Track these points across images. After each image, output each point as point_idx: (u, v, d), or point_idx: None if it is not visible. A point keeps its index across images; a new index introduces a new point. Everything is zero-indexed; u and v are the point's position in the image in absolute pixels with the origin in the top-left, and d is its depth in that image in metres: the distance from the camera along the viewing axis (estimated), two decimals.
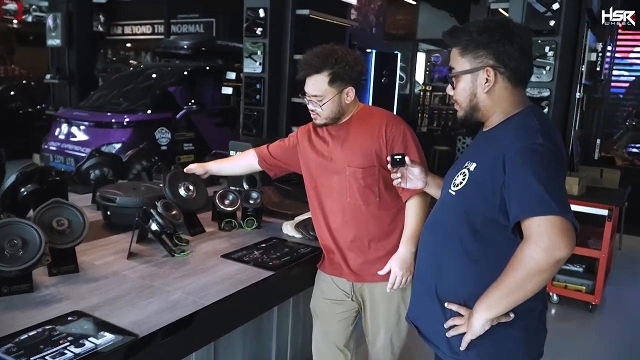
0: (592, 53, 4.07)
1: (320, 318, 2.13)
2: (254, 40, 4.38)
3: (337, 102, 1.90)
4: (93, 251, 1.97)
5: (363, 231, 1.96)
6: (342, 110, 1.93)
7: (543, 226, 1.22)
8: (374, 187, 1.94)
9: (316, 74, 1.87)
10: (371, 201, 1.94)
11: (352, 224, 1.96)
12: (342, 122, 1.98)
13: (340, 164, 1.96)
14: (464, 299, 1.44)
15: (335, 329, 2.09)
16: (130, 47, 11.71)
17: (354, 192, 1.94)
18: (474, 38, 1.41)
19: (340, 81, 1.87)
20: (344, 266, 2.00)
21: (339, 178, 1.97)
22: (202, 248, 2.09)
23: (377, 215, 1.96)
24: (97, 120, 5.68)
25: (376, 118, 1.96)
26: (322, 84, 1.87)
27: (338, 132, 1.99)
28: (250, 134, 4.53)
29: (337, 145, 1.98)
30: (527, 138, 1.32)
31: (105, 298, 1.59)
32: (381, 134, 1.91)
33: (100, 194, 2.30)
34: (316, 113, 1.94)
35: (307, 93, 1.93)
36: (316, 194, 2.06)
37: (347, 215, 1.96)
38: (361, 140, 1.93)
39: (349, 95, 1.91)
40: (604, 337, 3.55)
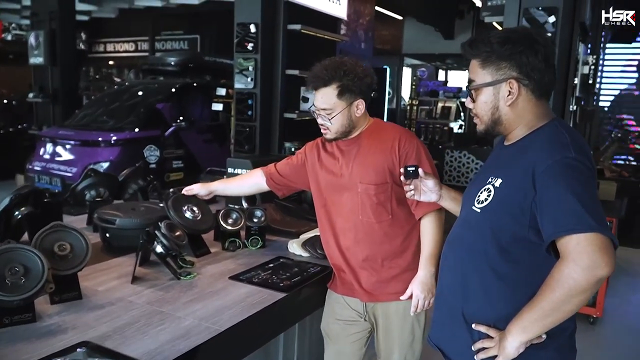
0: (585, 66, 4.11)
1: (332, 340, 2.06)
2: (245, 56, 4.33)
3: (346, 115, 1.86)
4: (95, 276, 1.88)
5: (376, 250, 1.90)
6: (352, 124, 1.89)
7: (582, 244, 1.17)
8: (386, 204, 1.88)
9: (324, 87, 1.83)
10: (384, 219, 1.89)
11: (364, 243, 1.91)
12: (353, 137, 1.93)
13: (352, 180, 1.91)
14: (493, 320, 1.38)
15: (349, 350, 2.02)
16: (112, 65, 11.62)
17: (366, 210, 1.89)
18: (495, 49, 1.37)
19: (349, 93, 1.83)
20: (357, 286, 1.94)
21: (350, 195, 1.91)
22: (208, 270, 2.01)
23: (390, 233, 1.90)
24: (83, 139, 5.56)
25: (389, 133, 1.92)
26: (330, 97, 1.83)
27: (348, 148, 1.94)
28: (242, 150, 4.46)
29: (347, 161, 1.93)
30: (559, 152, 1.27)
31: (114, 326, 1.50)
32: (394, 149, 1.86)
33: (99, 215, 2.21)
34: (326, 127, 1.89)
35: (316, 107, 1.88)
36: (326, 212, 2.00)
37: (360, 233, 1.91)
38: (373, 156, 1.88)
39: (359, 108, 1.87)
40: (607, 350, 3.53)
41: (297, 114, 4.39)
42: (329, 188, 1.98)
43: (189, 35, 10.04)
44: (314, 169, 2.03)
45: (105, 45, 11.66)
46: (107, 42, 11.56)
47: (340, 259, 1.96)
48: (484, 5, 3.99)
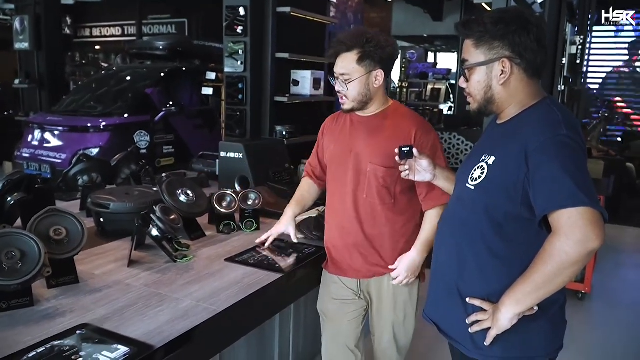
0: (572, 46, 4.13)
1: (329, 319, 2.08)
2: (234, 39, 4.29)
3: (364, 83, 1.86)
4: (90, 260, 1.89)
5: (375, 231, 1.93)
6: (369, 94, 1.88)
7: (574, 218, 1.20)
8: (391, 189, 1.90)
9: (346, 52, 1.85)
10: (387, 201, 1.91)
11: (365, 221, 1.93)
12: (370, 115, 1.94)
13: (363, 159, 1.91)
14: (486, 294, 1.41)
15: (346, 329, 2.05)
16: (99, 50, 11.47)
17: (372, 190, 1.90)
18: (489, 29, 1.39)
19: (369, 60, 1.84)
20: (351, 264, 1.97)
21: (357, 173, 1.92)
22: (204, 252, 2.03)
23: (391, 218, 1.93)
24: (72, 125, 5.49)
25: (408, 120, 1.92)
26: (350, 62, 1.84)
27: (364, 124, 1.94)
28: (233, 134, 4.45)
29: (360, 138, 1.93)
30: (551, 130, 1.30)
31: (113, 309, 1.51)
32: (410, 138, 1.87)
33: (92, 200, 2.21)
34: (343, 94, 1.89)
35: (335, 73, 1.89)
36: (333, 185, 2.02)
37: (362, 212, 1.93)
38: (388, 140, 1.86)
39: (378, 79, 1.87)
40: (596, 324, 3.62)
41: (288, 97, 4.37)
42: (337, 161, 1.99)
43: (177, 19, 9.91)
44: (328, 142, 2.05)
45: (91, 29, 11.48)
46: (94, 26, 11.39)
47: (339, 236, 1.98)
48: None
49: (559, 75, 3.92)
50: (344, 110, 1.95)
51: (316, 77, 4.50)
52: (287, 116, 4.51)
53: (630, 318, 3.72)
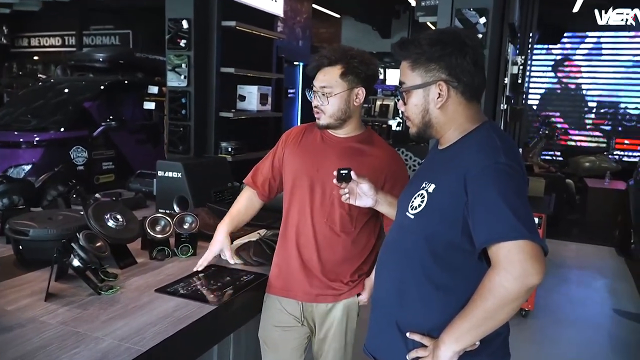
0: (514, 66, 4.22)
1: (271, 347, 1.98)
2: (177, 53, 4.15)
3: (344, 99, 1.79)
4: (4, 294, 1.71)
5: (328, 257, 1.86)
6: (348, 112, 1.81)
7: (513, 252, 1.15)
8: (353, 217, 1.83)
9: (329, 67, 1.79)
10: (347, 230, 1.84)
11: (321, 245, 1.85)
12: (344, 137, 1.87)
13: (327, 180, 1.79)
14: (427, 329, 1.35)
15: (288, 358, 1.96)
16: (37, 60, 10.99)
17: (334, 216, 1.83)
18: (425, 51, 1.35)
19: (352, 76, 1.79)
20: (299, 286, 1.88)
21: (321, 195, 1.84)
22: (133, 282, 1.88)
23: (348, 246, 1.86)
24: (3, 140, 5.18)
25: (385, 151, 1.88)
26: (333, 76, 1.79)
27: (335, 144, 1.87)
28: (176, 150, 4.29)
29: (328, 159, 1.84)
30: (489, 157, 1.25)
31: (22, 352, 1.35)
32: (383, 170, 1.82)
33: (10, 226, 2.02)
34: (320, 109, 1.81)
35: (315, 86, 1.82)
36: (289, 203, 1.92)
37: (319, 235, 1.85)
38: (360, 165, 1.75)
39: (359, 96, 1.81)
40: (541, 342, 3.65)
41: (234, 112, 4.27)
42: (299, 178, 1.89)
43: (121, 31, 9.62)
44: (291, 155, 1.93)
45: (29, 39, 10.99)
46: (32, 36, 10.90)
47: (292, 257, 1.89)
48: (418, 5, 4.00)
49: (502, 94, 3.99)
50: (319, 126, 1.87)
51: (263, 92, 4.41)
52: (233, 132, 4.40)
53: (575, 334, 3.79)
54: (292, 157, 1.93)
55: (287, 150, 1.96)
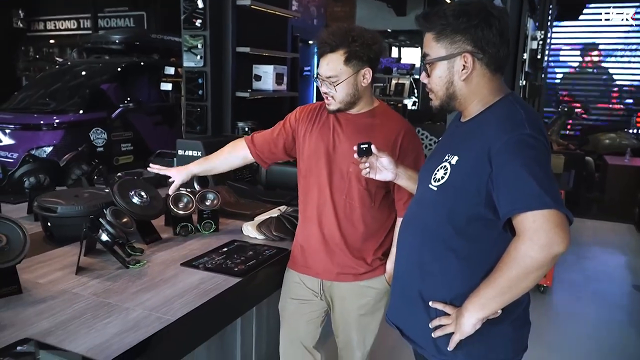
0: (534, 41, 4.16)
1: (286, 319, 2.03)
2: (193, 33, 4.16)
3: (352, 84, 1.78)
4: (35, 268, 1.77)
5: (350, 232, 1.87)
6: (357, 94, 1.81)
7: (539, 221, 1.16)
8: (372, 192, 1.84)
9: (331, 53, 1.76)
10: (366, 204, 1.86)
11: (342, 223, 1.87)
12: (357, 114, 1.87)
13: (344, 158, 1.83)
14: (450, 298, 1.37)
15: (304, 330, 2.00)
16: (54, 44, 11.04)
17: (352, 192, 1.84)
18: (450, 22, 1.34)
19: (356, 60, 1.76)
20: (318, 263, 1.91)
21: (339, 172, 1.86)
22: (159, 257, 1.93)
23: (368, 221, 1.87)
24: (23, 122, 5.26)
25: (396, 123, 1.87)
26: (337, 64, 1.76)
27: (349, 123, 1.87)
28: (194, 131, 4.32)
29: (345, 137, 1.85)
30: (514, 129, 1.25)
31: (57, 321, 1.41)
32: (397, 142, 1.82)
33: (39, 203, 2.08)
34: (330, 96, 1.81)
35: (321, 75, 1.80)
36: (307, 185, 1.93)
37: (340, 213, 1.87)
38: (374, 140, 1.74)
39: (366, 77, 1.80)
40: (559, 318, 3.67)
41: (250, 92, 4.27)
42: (316, 159, 1.90)
43: (135, 12, 9.63)
44: (305, 137, 1.94)
45: (45, 23, 11.04)
46: (47, 19, 10.95)
47: (312, 235, 1.91)
48: None
49: (520, 70, 3.95)
50: (329, 111, 1.86)
51: (279, 72, 4.41)
52: (249, 112, 4.41)
53: (592, 310, 3.79)
54: (307, 137, 1.94)
55: (300, 127, 1.97)
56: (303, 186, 1.97)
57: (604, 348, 3.26)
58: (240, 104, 4.35)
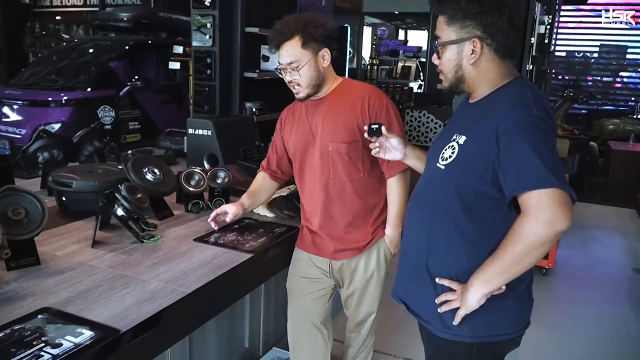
0: (541, 25, 4.15)
1: (294, 297, 2.08)
2: (202, 12, 4.16)
3: (314, 67, 1.82)
4: (52, 241, 1.83)
5: (347, 209, 1.91)
6: (321, 76, 1.85)
7: (543, 199, 1.20)
8: (358, 163, 1.88)
9: (288, 41, 1.80)
10: (355, 177, 1.89)
11: (336, 202, 1.91)
12: (323, 97, 1.90)
13: (322, 140, 1.88)
14: (455, 274, 1.41)
15: (311, 307, 2.05)
16: (60, 20, 11.00)
17: (337, 169, 1.88)
18: (462, 7, 1.36)
19: (313, 42, 1.80)
20: (325, 244, 1.96)
21: (321, 155, 1.90)
22: (172, 232, 1.98)
23: (361, 192, 1.91)
24: (32, 99, 5.28)
25: (358, 91, 1.90)
26: (295, 49, 1.79)
27: (318, 107, 1.91)
28: (202, 110, 4.34)
29: (318, 121, 1.90)
30: (521, 110, 1.29)
31: (76, 291, 1.46)
32: (364, 108, 1.85)
33: (54, 178, 2.13)
34: (296, 83, 1.84)
35: (282, 64, 1.83)
36: (300, 173, 1.99)
37: (332, 193, 1.91)
38: (343, 114, 1.85)
39: (325, 57, 1.84)
40: (560, 300, 3.72)
41: (258, 73, 4.28)
42: (301, 149, 1.96)
43: None
44: (290, 132, 2.00)
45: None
46: None
47: (313, 218, 1.96)
48: None
49: (528, 54, 3.94)
50: (299, 99, 1.90)
51: None
52: (256, 92, 4.42)
53: (593, 293, 3.84)
54: (289, 135, 2.00)
55: (284, 131, 2.03)
56: (297, 178, 2.03)
57: (605, 329, 3.32)
58: (248, 84, 4.36)
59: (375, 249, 1.96)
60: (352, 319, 2.10)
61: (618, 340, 3.22)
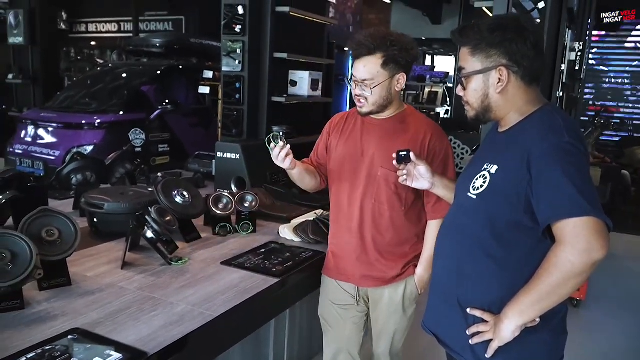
0: (572, 52, 4.12)
1: (331, 325, 2.05)
2: (232, 38, 4.25)
3: (387, 88, 1.79)
4: (83, 262, 1.85)
5: (379, 237, 1.89)
6: (390, 98, 1.82)
7: (579, 228, 1.18)
8: (402, 195, 1.86)
9: (369, 56, 1.77)
10: (395, 208, 1.87)
11: (370, 227, 1.89)
12: (385, 119, 1.88)
13: (372, 162, 1.86)
14: (487, 304, 1.39)
15: (349, 334, 2.02)
16: (95, 46, 11.37)
17: (380, 195, 1.86)
18: (485, 37, 1.37)
19: (394, 65, 1.77)
20: (352, 269, 1.94)
21: (367, 177, 1.87)
22: (200, 255, 1.99)
23: (397, 225, 1.89)
24: (66, 121, 5.43)
25: (422, 125, 1.88)
26: (374, 67, 1.76)
27: (377, 127, 1.88)
28: (230, 134, 4.39)
29: (373, 142, 1.88)
30: (554, 137, 1.27)
31: (105, 313, 1.48)
32: (424, 144, 1.83)
33: (86, 199, 2.17)
34: (363, 98, 1.81)
35: (356, 77, 1.80)
36: (339, 187, 1.95)
37: (368, 216, 1.88)
38: (402, 144, 1.79)
39: (400, 82, 1.81)
40: (592, 332, 3.60)
41: (285, 97, 4.34)
42: (345, 164, 1.92)
43: (174, 17, 9.85)
44: (335, 142, 1.97)
45: (87, 25, 11.39)
46: (89, 22, 11.30)
47: (343, 241, 1.94)
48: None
49: (558, 81, 3.91)
50: (361, 114, 1.87)
51: (314, 78, 4.46)
52: (284, 117, 4.47)
53: (627, 325, 3.71)
54: (336, 145, 1.96)
55: (332, 137, 1.99)
56: (334, 193, 1.99)
57: None
58: (275, 109, 4.41)
59: (403, 284, 1.93)
60: (375, 350, 2.06)
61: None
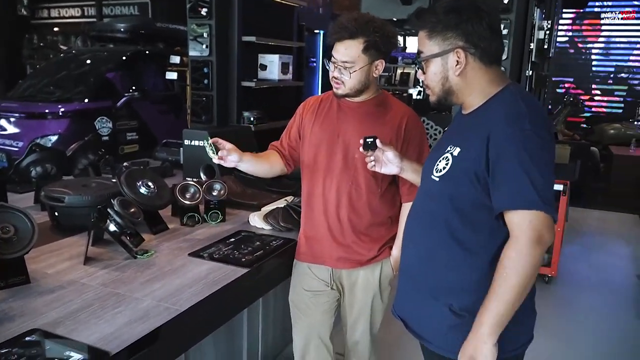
0: (540, 31, 4.12)
1: (302, 311, 2.02)
2: (199, 22, 4.14)
3: (365, 73, 1.78)
4: (43, 258, 1.78)
5: (355, 219, 1.88)
6: (367, 83, 1.81)
7: (526, 220, 1.21)
8: (379, 178, 1.84)
9: (350, 39, 1.75)
10: (372, 191, 1.86)
11: (347, 209, 1.87)
12: (361, 101, 1.86)
13: (349, 145, 1.84)
14: (457, 290, 1.37)
15: (320, 320, 2.00)
16: (58, 32, 11.01)
17: (358, 178, 1.85)
18: (441, 19, 1.35)
19: (374, 50, 1.76)
20: (327, 251, 1.92)
21: (344, 159, 1.86)
22: (167, 247, 1.94)
23: (374, 207, 1.88)
24: (28, 111, 5.26)
25: (399, 109, 1.88)
26: (355, 51, 1.75)
27: (353, 110, 1.87)
28: (199, 120, 4.31)
29: (348, 124, 1.86)
30: (514, 123, 1.25)
31: (66, 312, 1.42)
32: (401, 127, 1.83)
33: (46, 193, 2.08)
34: (340, 81, 1.80)
35: (336, 59, 1.78)
36: (314, 170, 1.92)
37: (345, 199, 1.87)
38: (379, 126, 1.80)
39: (378, 68, 1.80)
40: (564, 308, 3.67)
41: (255, 82, 4.26)
42: (320, 147, 1.90)
43: (139, 0, 9.60)
44: (309, 125, 1.94)
45: (49, 10, 11.01)
46: (51, 7, 10.91)
47: (318, 224, 1.92)
48: None
49: (527, 60, 3.91)
50: (337, 95, 1.85)
51: (284, 62, 4.38)
52: (254, 102, 4.40)
53: (597, 300, 3.79)
54: (311, 128, 1.94)
55: (305, 120, 1.97)
56: (307, 176, 1.96)
57: (610, 337, 3.26)
58: (245, 94, 4.34)
59: (379, 266, 1.92)
60: (350, 337, 2.04)
61: (622, 347, 3.16)
